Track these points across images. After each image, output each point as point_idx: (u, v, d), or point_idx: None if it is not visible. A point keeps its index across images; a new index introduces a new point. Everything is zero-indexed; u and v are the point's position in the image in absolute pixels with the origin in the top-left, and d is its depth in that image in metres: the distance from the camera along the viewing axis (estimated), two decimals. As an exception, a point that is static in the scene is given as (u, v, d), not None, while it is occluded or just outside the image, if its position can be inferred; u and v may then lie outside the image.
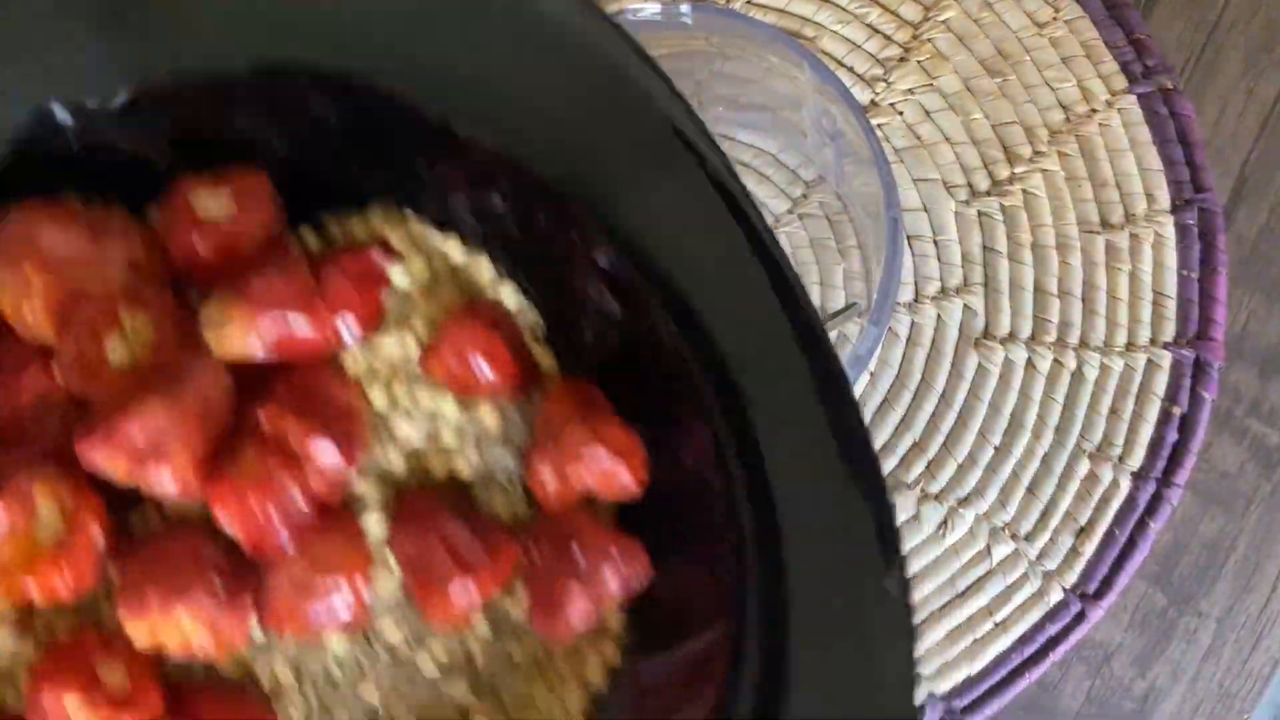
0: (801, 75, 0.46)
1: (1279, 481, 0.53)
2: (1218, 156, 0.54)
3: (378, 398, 0.24)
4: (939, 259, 0.54)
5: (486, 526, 0.24)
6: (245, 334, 0.22)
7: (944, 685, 0.52)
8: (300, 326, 0.23)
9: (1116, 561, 0.52)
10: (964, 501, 0.52)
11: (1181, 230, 0.53)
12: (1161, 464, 0.52)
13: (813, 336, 0.22)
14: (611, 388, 0.26)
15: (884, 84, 0.54)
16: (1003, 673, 0.52)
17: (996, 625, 0.52)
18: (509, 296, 0.26)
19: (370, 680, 0.24)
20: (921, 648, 0.52)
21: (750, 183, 0.55)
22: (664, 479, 0.25)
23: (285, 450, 0.22)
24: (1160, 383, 0.52)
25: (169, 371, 0.22)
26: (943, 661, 0.52)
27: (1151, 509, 0.52)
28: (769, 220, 0.55)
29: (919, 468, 0.53)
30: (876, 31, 0.54)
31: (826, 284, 0.54)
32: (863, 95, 0.54)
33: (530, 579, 0.24)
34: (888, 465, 0.53)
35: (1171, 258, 0.53)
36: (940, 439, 0.53)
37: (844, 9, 0.54)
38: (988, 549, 0.52)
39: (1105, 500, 0.52)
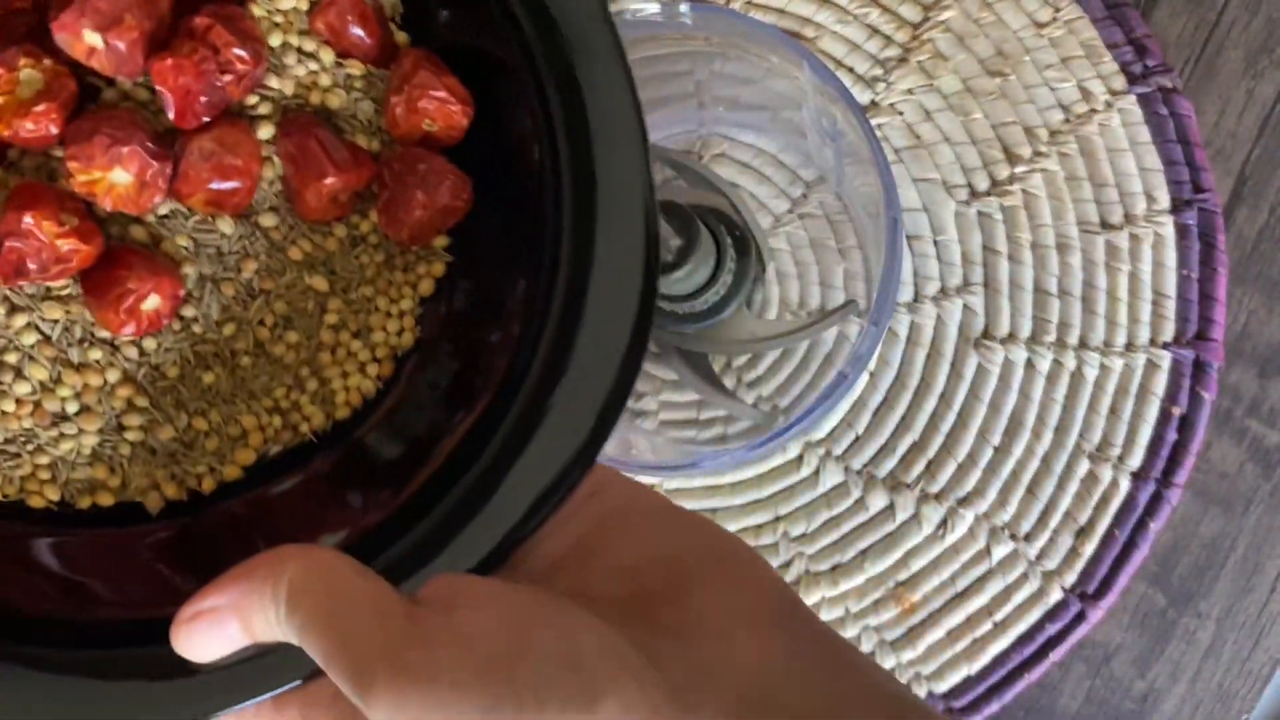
0: (801, 75, 0.46)
1: (1278, 482, 0.53)
2: (1217, 156, 0.54)
3: (274, 39, 0.33)
4: (939, 259, 0.54)
5: (353, 145, 0.33)
6: None
7: (943, 685, 0.52)
8: None
9: (1116, 561, 0.52)
10: (964, 501, 0.52)
11: (1181, 230, 0.53)
12: (1161, 464, 0.52)
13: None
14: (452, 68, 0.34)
15: (884, 84, 0.54)
16: (1002, 672, 0.52)
17: (996, 625, 0.52)
18: None
19: (251, 261, 0.33)
20: (921, 647, 0.52)
21: (750, 183, 0.55)
22: (491, 146, 0.33)
23: (211, 47, 0.30)
24: (1160, 383, 0.52)
25: None
26: (942, 661, 0.52)
27: (1151, 509, 0.52)
28: (769, 221, 0.55)
29: (919, 468, 0.53)
30: (876, 32, 0.54)
31: (826, 284, 0.54)
32: (863, 95, 0.54)
33: (383, 190, 0.33)
34: (887, 465, 0.53)
35: (1171, 258, 0.53)
36: (940, 439, 0.53)
37: (844, 9, 0.54)
38: (987, 549, 0.52)
39: (1105, 500, 0.52)
